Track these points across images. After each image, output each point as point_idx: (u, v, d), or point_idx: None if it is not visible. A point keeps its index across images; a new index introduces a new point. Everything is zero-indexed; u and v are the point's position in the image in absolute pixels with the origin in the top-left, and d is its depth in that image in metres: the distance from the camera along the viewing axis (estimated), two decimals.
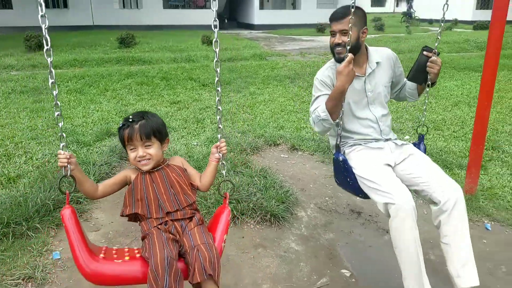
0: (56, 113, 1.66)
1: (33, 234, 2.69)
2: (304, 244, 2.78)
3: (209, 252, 1.62)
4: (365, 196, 2.26)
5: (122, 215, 1.82)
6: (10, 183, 3.37)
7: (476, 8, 34.35)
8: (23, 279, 2.29)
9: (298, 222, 3.05)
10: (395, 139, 2.48)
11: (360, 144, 2.40)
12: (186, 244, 1.69)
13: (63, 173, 1.63)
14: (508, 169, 3.95)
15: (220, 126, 1.93)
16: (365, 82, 2.38)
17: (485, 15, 32.74)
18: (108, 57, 10.44)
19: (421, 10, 38.11)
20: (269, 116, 5.75)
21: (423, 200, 2.29)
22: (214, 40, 1.80)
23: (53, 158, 3.87)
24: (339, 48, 2.27)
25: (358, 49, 2.29)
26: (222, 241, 1.76)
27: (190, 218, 1.81)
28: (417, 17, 29.73)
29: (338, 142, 2.37)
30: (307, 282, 2.40)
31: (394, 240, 2.07)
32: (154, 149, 1.78)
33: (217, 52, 1.80)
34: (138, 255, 1.69)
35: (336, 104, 2.20)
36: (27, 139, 4.52)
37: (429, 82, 2.38)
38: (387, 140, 2.43)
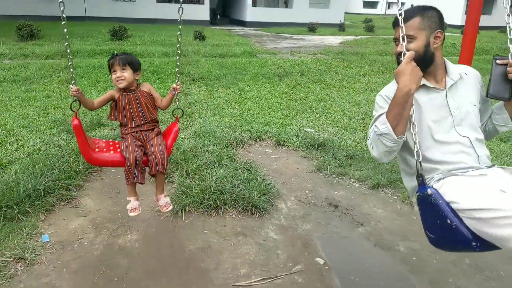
0: (69, 63, 2.35)
1: (23, 218, 2.82)
2: (283, 233, 2.94)
3: (162, 155, 2.45)
4: (484, 243, 1.57)
5: (108, 118, 2.59)
6: (2, 169, 3.48)
7: (465, 13, 34.84)
8: (13, 260, 2.42)
9: (278, 213, 3.21)
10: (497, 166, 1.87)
11: (454, 175, 1.76)
12: (149, 148, 2.48)
13: (74, 99, 2.35)
14: None
15: (177, 75, 2.62)
16: (446, 96, 1.85)
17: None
18: (100, 49, 10.47)
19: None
20: (256, 112, 5.90)
21: None
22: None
23: (44, 146, 3.98)
24: (402, 58, 1.76)
25: (428, 58, 1.83)
26: (171, 147, 2.58)
27: (152, 129, 2.57)
28: None
29: (420, 171, 1.71)
30: (283, 268, 2.56)
31: None
32: (127, 73, 2.45)
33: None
34: (118, 150, 2.48)
35: (400, 112, 1.69)
36: (19, 127, 4.61)
37: None
38: (490, 167, 1.83)
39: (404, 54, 1.75)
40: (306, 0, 29.17)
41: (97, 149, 2.46)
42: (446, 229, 1.59)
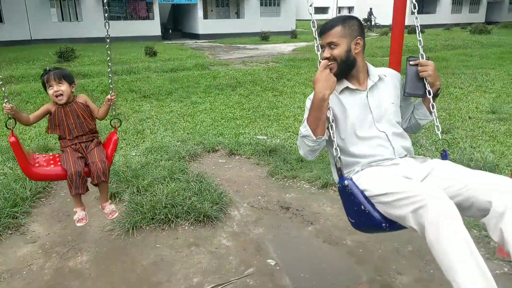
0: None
1: None
2: (235, 239, 3.03)
3: (103, 165, 2.52)
4: (392, 224, 1.77)
5: (46, 132, 2.64)
6: None
7: (411, 13, 36.57)
8: None
9: (230, 220, 3.30)
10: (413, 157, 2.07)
11: (371, 166, 1.99)
12: (89, 159, 2.54)
13: (9, 116, 2.39)
14: None
15: (111, 86, 2.75)
16: (367, 96, 2.06)
17: (419, 19, 34.98)
18: None
19: (361, 17, 39.89)
20: (209, 124, 5.99)
21: (470, 217, 1.78)
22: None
23: None
24: (329, 63, 1.98)
25: (350, 62, 2.03)
26: (111, 156, 2.64)
27: (92, 140, 2.63)
28: (378, 24, 31.15)
29: (339, 166, 1.92)
30: (235, 273, 2.64)
31: (439, 259, 1.52)
32: (64, 87, 2.52)
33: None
34: (59, 164, 2.52)
35: (317, 116, 1.89)
36: None
37: (430, 89, 2.07)
38: (403, 157, 2.03)
39: (328, 59, 1.99)
40: (257, 10, 29.70)
41: (37, 164, 2.51)
42: (361, 214, 1.82)
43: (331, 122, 1.93)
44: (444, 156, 2.14)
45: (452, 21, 36.23)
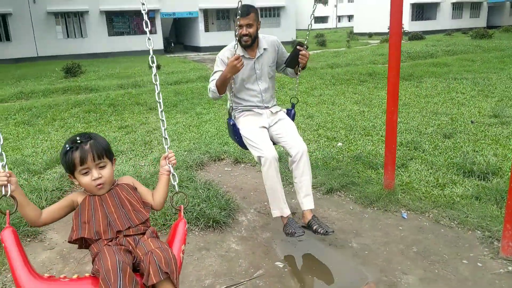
0: None
1: None
2: (244, 244, 3.13)
3: (165, 253, 1.56)
4: (246, 148, 3.19)
5: (70, 241, 1.74)
6: None
7: (412, 20, 36.81)
8: None
9: (238, 226, 3.40)
10: (273, 106, 3.35)
11: (247, 110, 3.26)
12: (140, 253, 1.61)
13: (3, 192, 1.55)
14: (426, 166, 4.48)
15: (165, 136, 1.96)
16: (254, 63, 3.20)
17: (420, 26, 35.38)
18: (54, 88, 10.46)
19: (361, 26, 40.29)
20: (214, 134, 6.11)
21: (286, 153, 3.32)
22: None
23: None
24: (246, 38, 3.08)
25: (254, 38, 3.13)
26: (180, 250, 1.71)
27: (143, 233, 1.75)
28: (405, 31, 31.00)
29: (230, 111, 3.24)
30: (245, 274, 2.74)
31: (264, 180, 3.00)
32: (108, 170, 1.75)
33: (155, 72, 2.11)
34: (86, 275, 1.61)
35: (222, 83, 3.03)
36: None
37: (300, 68, 3.23)
38: (266, 107, 3.28)
39: (246, 35, 3.08)
40: None
41: (46, 274, 1.63)
42: (235, 140, 3.29)
43: (237, 82, 3.17)
44: (292, 106, 3.46)
45: (453, 26, 36.48)
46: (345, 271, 2.83)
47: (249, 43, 3.12)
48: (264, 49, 3.23)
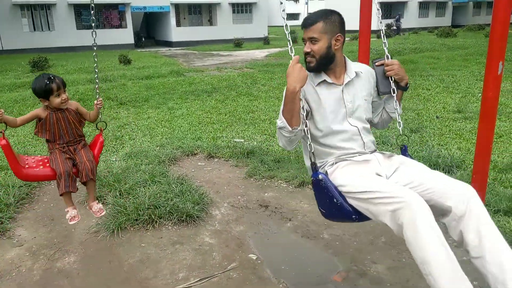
0: None
1: None
2: (217, 237, 3.15)
3: (91, 164, 2.65)
4: (362, 216, 1.94)
5: (35, 134, 2.71)
6: None
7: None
8: None
9: (212, 219, 3.41)
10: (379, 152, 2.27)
11: (344, 160, 2.15)
12: (77, 159, 2.65)
13: None
14: None
15: (97, 91, 2.88)
16: (342, 91, 2.17)
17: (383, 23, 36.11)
18: (20, 82, 10.11)
19: (349, 23, 40.75)
20: (187, 129, 6.08)
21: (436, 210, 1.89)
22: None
23: None
24: (308, 58, 2.13)
25: (330, 58, 2.12)
26: (98, 156, 2.79)
27: (79, 142, 2.73)
28: (403, 32, 31.32)
29: (313, 160, 2.01)
30: (219, 267, 2.76)
31: (416, 255, 1.69)
32: (66, 94, 2.63)
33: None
34: (48, 165, 2.62)
35: (291, 108, 1.99)
36: None
37: (395, 86, 2.26)
38: (372, 152, 2.23)
39: (309, 53, 2.10)
40: (230, 17, 29.94)
41: (27, 166, 2.59)
42: (333, 206, 1.98)
43: (305, 113, 2.04)
44: (403, 150, 2.34)
45: (419, 25, 37.50)
46: (317, 261, 2.90)
47: (313, 66, 2.14)
48: (356, 73, 2.23)
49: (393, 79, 2.24)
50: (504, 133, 5.38)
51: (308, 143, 2.04)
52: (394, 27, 31.60)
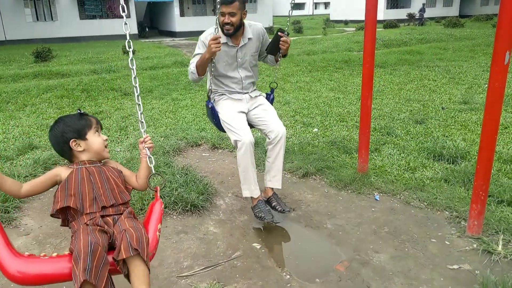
0: None
1: None
2: (222, 226, 3.17)
3: (137, 232, 1.62)
4: (224, 131, 3.22)
5: (52, 214, 1.79)
6: None
7: (387, 8, 37.22)
8: None
9: (216, 209, 3.44)
10: (253, 91, 3.37)
11: (225, 94, 3.29)
12: (116, 231, 1.67)
13: None
14: (398, 150, 4.62)
15: (142, 120, 2.02)
16: (237, 51, 3.17)
17: (395, 14, 35.80)
18: (24, 73, 10.13)
19: (337, 13, 40.43)
20: (191, 120, 6.09)
21: (263, 135, 3.25)
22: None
23: None
24: (228, 26, 3.00)
25: (238, 27, 3.05)
26: (156, 230, 1.78)
27: (121, 213, 1.82)
28: (426, 22, 31.04)
29: (209, 94, 3.21)
30: (223, 256, 2.79)
31: (238, 162, 3.07)
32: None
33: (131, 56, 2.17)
34: (66, 253, 1.67)
35: (202, 65, 3.02)
36: None
37: (281, 55, 3.20)
38: (245, 93, 3.31)
39: (228, 24, 2.97)
40: None
41: (26, 253, 1.66)
42: (214, 123, 3.29)
43: (212, 68, 3.09)
44: (271, 91, 3.49)
45: (427, 15, 37.11)
46: (320, 251, 2.92)
47: (231, 32, 3.03)
48: (249, 38, 3.18)
49: (281, 50, 3.13)
50: (510, 124, 5.35)
51: (209, 79, 3.17)
52: (418, 17, 31.34)
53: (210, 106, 3.22)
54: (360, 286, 2.49)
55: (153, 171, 2.00)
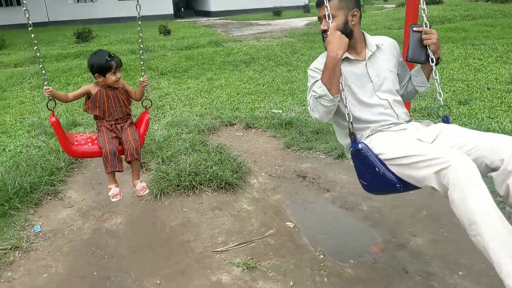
0: (40, 66, 2.57)
1: (15, 213, 3.05)
2: (255, 204, 3.20)
3: (136, 143, 2.65)
4: (406, 184, 1.85)
5: (85, 111, 2.71)
6: None
7: None
8: (11, 249, 2.65)
9: (250, 188, 3.47)
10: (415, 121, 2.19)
11: (380, 131, 2.09)
12: (123, 138, 2.67)
13: (49, 98, 2.50)
14: None
15: (143, 67, 2.88)
16: (366, 66, 2.13)
17: None
18: (66, 53, 10.47)
19: None
20: (225, 99, 6.12)
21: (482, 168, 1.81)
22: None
23: (25, 149, 4.15)
24: (325, 35, 2.09)
25: (347, 34, 2.03)
26: (144, 135, 2.78)
27: (126, 121, 2.74)
28: None
29: (352, 130, 1.99)
30: (257, 233, 2.83)
31: (462, 217, 1.60)
32: (120, 73, 2.69)
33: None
34: (96, 142, 2.65)
35: (332, 75, 1.95)
36: None
37: (432, 57, 2.08)
38: (408, 122, 2.15)
39: (325, 31, 2.06)
40: None
41: (75, 142, 2.64)
42: (375, 176, 1.90)
43: (343, 86, 1.98)
44: (445, 121, 2.19)
45: None
46: (354, 232, 2.90)
47: None
48: (377, 46, 2.18)
49: (429, 48, 2.08)
50: None
51: (347, 112, 1.98)
52: None
53: (360, 146, 1.94)
54: (395, 269, 2.46)
55: (146, 96, 2.83)
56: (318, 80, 2.03)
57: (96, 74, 2.62)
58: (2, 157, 4.07)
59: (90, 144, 2.66)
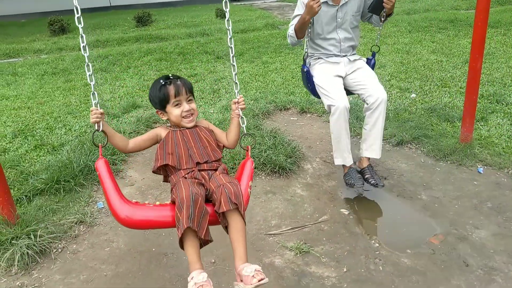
0: (88, 73, 1.98)
1: (79, 189, 3.23)
2: (309, 190, 3.18)
3: (234, 187, 1.72)
4: (319, 97, 3.10)
5: (153, 171, 1.96)
6: (55, 150, 3.91)
7: None
8: (76, 223, 2.83)
9: (304, 173, 3.44)
10: (352, 55, 3.19)
11: (322, 58, 3.15)
12: (212, 186, 1.77)
13: (96, 128, 1.80)
14: (508, 120, 4.16)
15: (236, 81, 2.04)
16: (337, 10, 3.02)
17: None
18: (127, 36, 10.85)
19: None
20: (280, 83, 6.07)
21: (362, 100, 3.06)
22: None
23: (89, 129, 4.39)
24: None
25: None
26: (247, 186, 1.85)
27: (215, 169, 1.92)
28: None
29: (305, 57, 3.18)
30: (310, 218, 2.81)
31: (330, 128, 2.95)
32: (194, 104, 1.98)
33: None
34: (167, 202, 1.83)
35: (300, 27, 2.93)
36: (64, 114, 5.04)
37: (385, 14, 2.97)
38: (344, 56, 3.14)
39: None
40: None
41: (134, 200, 1.83)
42: (309, 88, 3.15)
43: (309, 30, 3.01)
44: (372, 55, 3.26)
45: None
46: (412, 222, 2.80)
47: None
48: None
49: (385, 9, 2.93)
50: None
51: (306, 42, 3.12)
52: None
53: (305, 70, 3.12)
54: (455, 261, 2.35)
55: (245, 131, 2.06)
56: (296, 17, 2.99)
57: (156, 111, 2.01)
58: (68, 136, 4.32)
59: (158, 202, 1.84)
